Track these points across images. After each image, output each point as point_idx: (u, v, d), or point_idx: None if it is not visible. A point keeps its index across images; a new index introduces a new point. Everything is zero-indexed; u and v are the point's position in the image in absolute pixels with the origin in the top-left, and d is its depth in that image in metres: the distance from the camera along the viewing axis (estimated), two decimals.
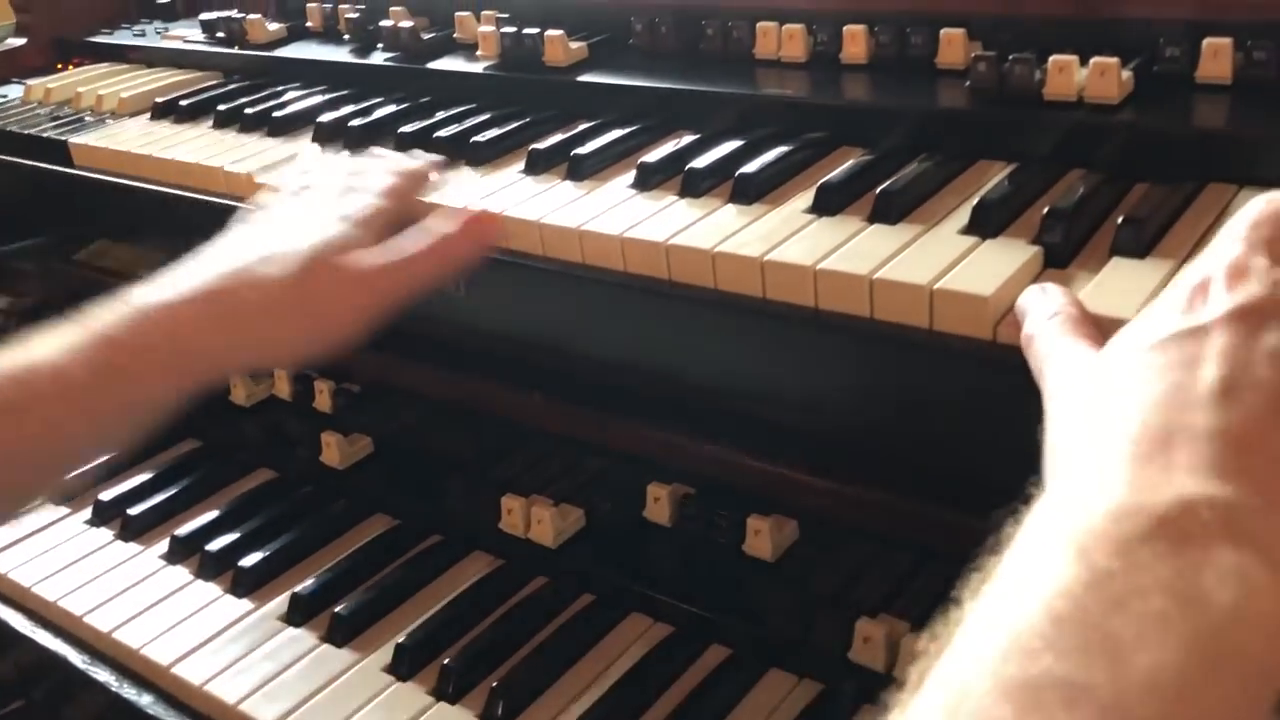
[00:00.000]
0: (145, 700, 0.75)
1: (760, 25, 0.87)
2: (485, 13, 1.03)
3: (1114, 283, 0.58)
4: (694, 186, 0.74)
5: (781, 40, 0.86)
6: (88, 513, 0.95)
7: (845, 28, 0.83)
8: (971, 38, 0.79)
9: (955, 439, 0.65)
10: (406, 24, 1.04)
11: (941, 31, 0.79)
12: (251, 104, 1.05)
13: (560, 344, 0.80)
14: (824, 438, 0.72)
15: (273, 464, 0.98)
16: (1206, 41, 0.70)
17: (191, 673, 0.74)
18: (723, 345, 0.71)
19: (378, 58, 1.06)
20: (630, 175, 0.77)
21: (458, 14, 1.03)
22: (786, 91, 0.83)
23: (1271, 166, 0.65)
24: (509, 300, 0.80)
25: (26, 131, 1.14)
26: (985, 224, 0.64)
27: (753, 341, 0.69)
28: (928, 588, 0.69)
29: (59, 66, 1.35)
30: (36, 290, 1.26)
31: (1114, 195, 0.66)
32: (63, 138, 1.09)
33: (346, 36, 1.11)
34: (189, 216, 1.01)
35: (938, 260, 0.61)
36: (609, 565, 0.79)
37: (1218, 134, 0.69)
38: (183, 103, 1.09)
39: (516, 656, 0.72)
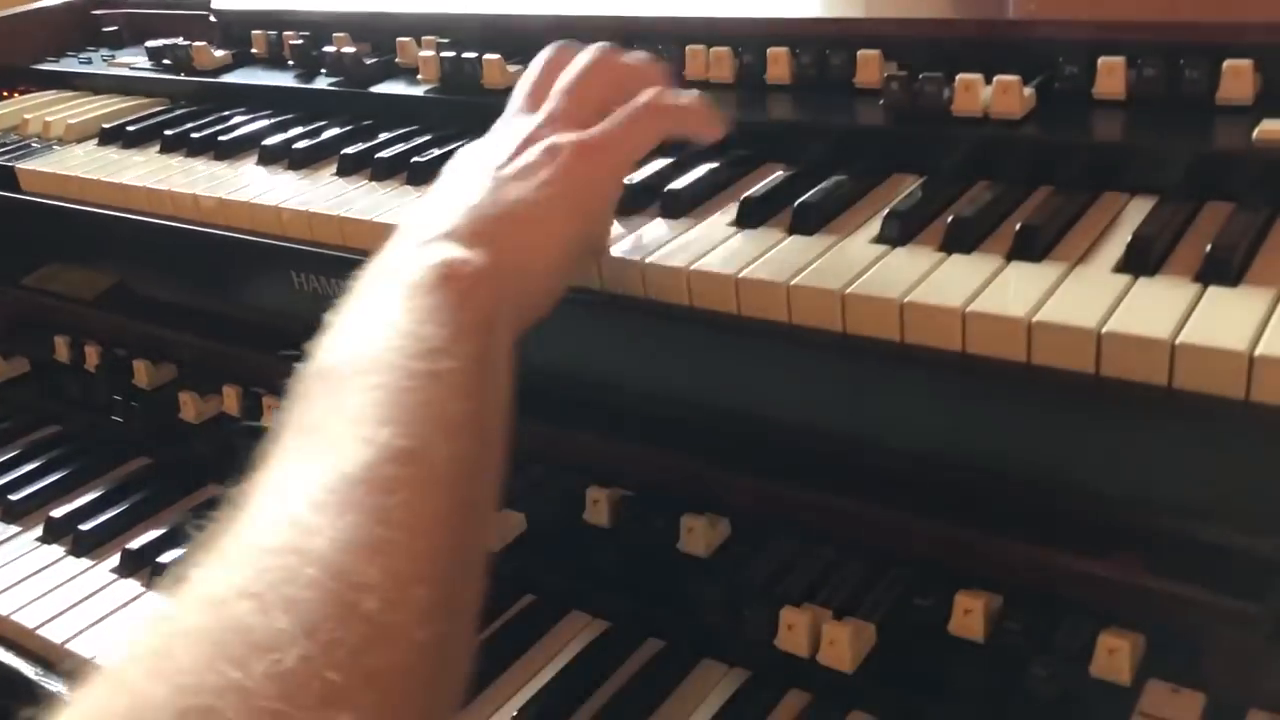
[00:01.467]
0: None
1: (689, 48, 0.91)
2: (426, 38, 1.06)
3: (1012, 285, 0.62)
4: (625, 202, 0.78)
5: (710, 62, 0.90)
6: (39, 530, 0.96)
7: (769, 50, 0.87)
8: (887, 58, 0.84)
9: (873, 438, 0.69)
10: (349, 50, 1.07)
11: (859, 53, 0.83)
12: (198, 129, 1.07)
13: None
14: (752, 439, 0.76)
15: (222, 479, 1.00)
16: (1102, 60, 0.75)
17: None
18: (653, 353, 0.75)
19: (322, 82, 1.09)
20: None
21: (399, 39, 1.07)
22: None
23: (1162, 175, 0.70)
24: None
25: None
26: (895, 233, 0.69)
27: (681, 348, 0.73)
28: (848, 578, 0.73)
29: (4, 94, 1.36)
30: None
31: (1015, 203, 0.71)
32: (10, 164, 1.11)
33: (291, 62, 1.14)
34: (137, 239, 1.04)
35: (851, 268, 0.65)
36: (550, 567, 0.82)
37: (1113, 145, 0.73)
38: (130, 128, 1.11)
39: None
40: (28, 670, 0.81)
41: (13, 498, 1.00)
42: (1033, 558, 0.68)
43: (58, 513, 0.96)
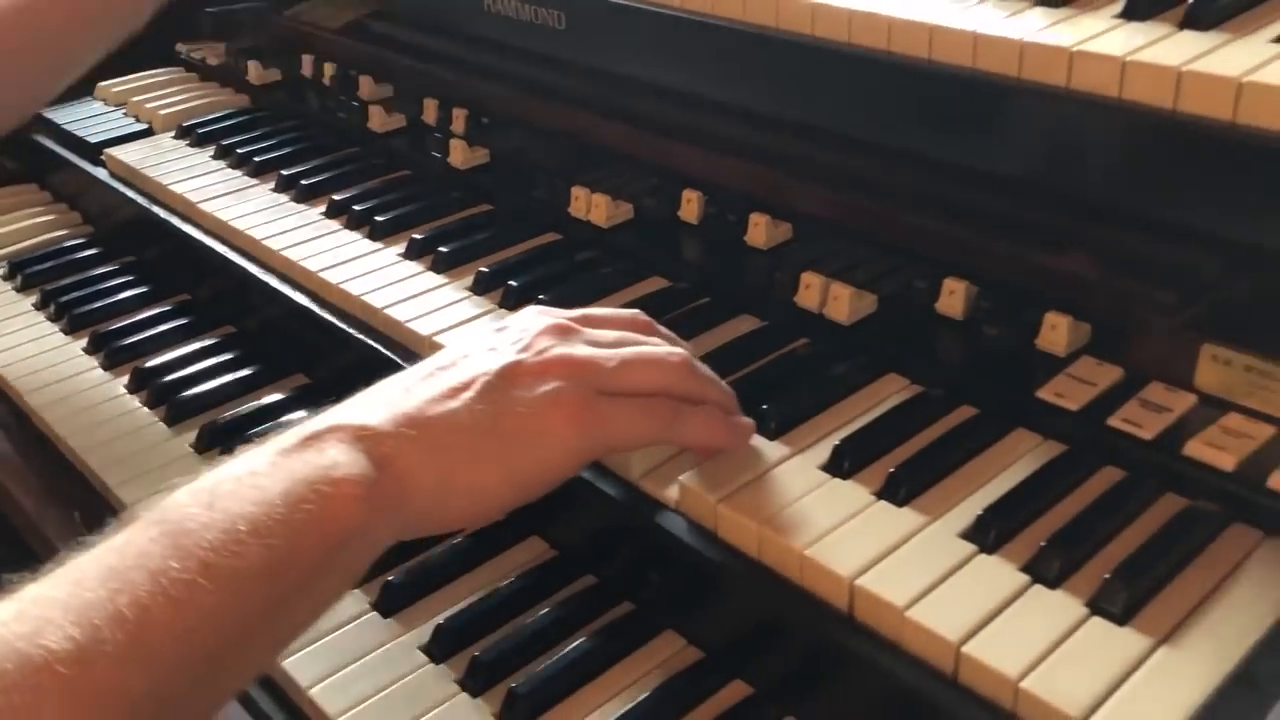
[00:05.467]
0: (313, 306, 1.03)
1: None
2: None
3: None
4: None
5: None
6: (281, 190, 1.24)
7: None
8: None
9: (903, 151, 0.84)
10: None
11: None
12: None
13: (639, 82, 1.01)
14: (816, 156, 0.92)
15: (410, 166, 1.24)
16: None
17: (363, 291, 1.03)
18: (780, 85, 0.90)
19: None
20: None
21: None
22: None
23: None
24: (605, 42, 1.02)
25: None
26: None
27: (785, 72, 0.88)
28: (870, 266, 0.89)
29: None
30: (253, 38, 1.55)
31: None
32: None
33: None
34: None
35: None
36: (646, 245, 1.02)
37: None
38: None
39: (563, 283, 0.97)
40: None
41: (258, 159, 1.28)
42: (1011, 253, 0.82)
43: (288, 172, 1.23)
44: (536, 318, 0.70)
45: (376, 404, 0.63)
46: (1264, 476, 0.67)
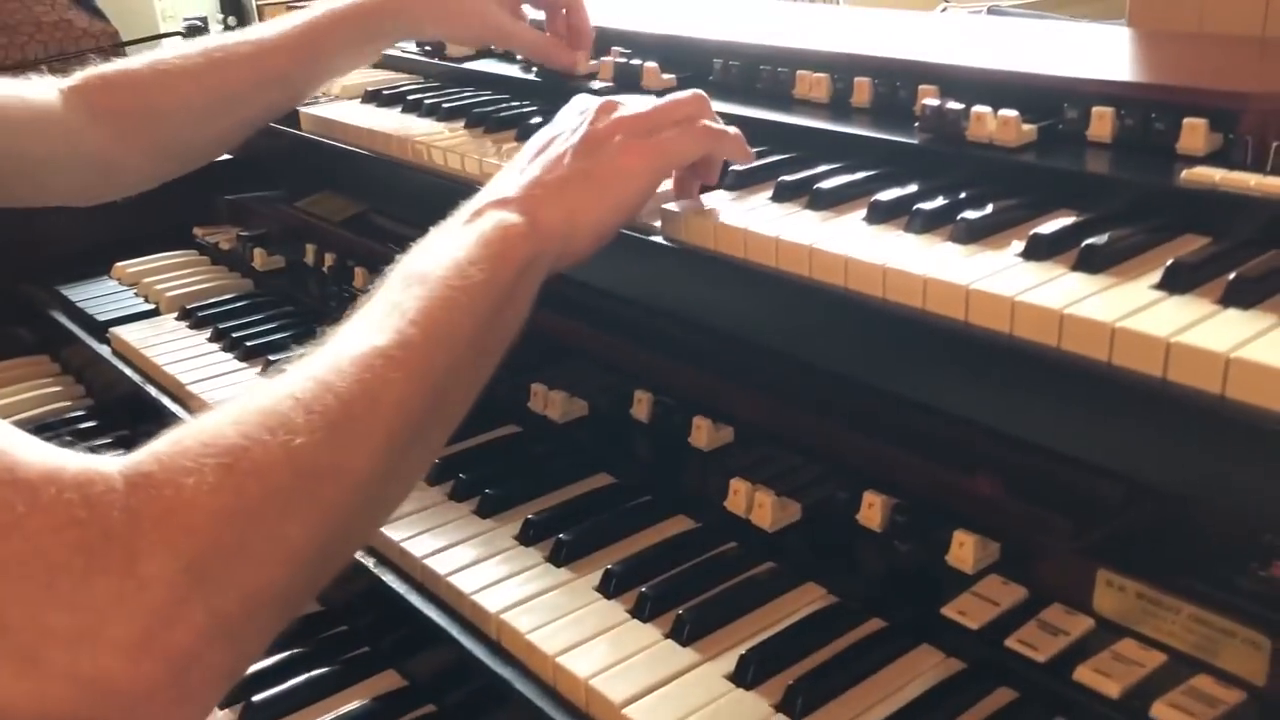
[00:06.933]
0: None
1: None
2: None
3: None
4: (920, 224, 0.82)
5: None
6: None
7: (1094, 109, 0.87)
8: (1213, 129, 0.81)
9: (843, 372, 0.89)
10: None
11: (1185, 120, 0.81)
12: (433, 97, 1.39)
13: (596, 288, 1.08)
14: (756, 364, 0.98)
15: None
16: None
17: None
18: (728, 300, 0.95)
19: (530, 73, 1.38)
20: (863, 211, 0.86)
21: None
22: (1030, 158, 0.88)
23: None
24: None
25: None
26: (1176, 283, 0.69)
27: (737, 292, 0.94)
28: (800, 475, 0.93)
29: None
30: (264, 225, 1.66)
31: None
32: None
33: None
34: (376, 174, 1.37)
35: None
36: (598, 441, 1.06)
37: None
38: (384, 92, 1.45)
39: (515, 476, 1.01)
40: None
41: (249, 344, 1.35)
42: (927, 473, 0.86)
43: (276, 357, 1.30)
44: (589, 101, 0.88)
45: (506, 185, 0.81)
46: (1148, 705, 0.68)
